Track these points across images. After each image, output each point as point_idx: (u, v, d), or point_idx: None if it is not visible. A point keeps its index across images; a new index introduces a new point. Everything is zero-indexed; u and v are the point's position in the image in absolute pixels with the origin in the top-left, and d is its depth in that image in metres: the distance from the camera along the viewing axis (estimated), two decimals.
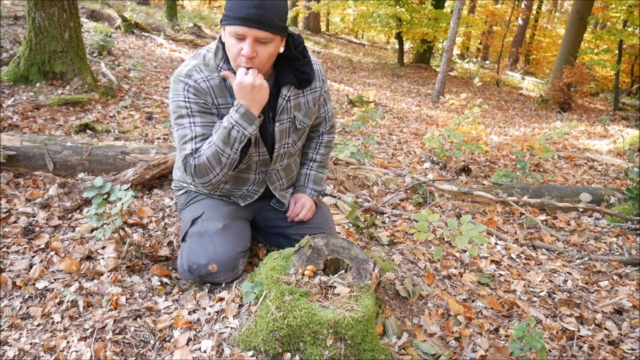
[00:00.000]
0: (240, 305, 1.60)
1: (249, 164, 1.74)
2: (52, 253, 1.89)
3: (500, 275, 2.33)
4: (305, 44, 1.69)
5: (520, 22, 18.01)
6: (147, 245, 2.00)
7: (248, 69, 1.48)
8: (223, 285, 1.75)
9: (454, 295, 2.00)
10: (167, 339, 1.51)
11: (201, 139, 1.58)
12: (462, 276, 2.20)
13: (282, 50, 1.55)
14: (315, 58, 1.75)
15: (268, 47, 1.47)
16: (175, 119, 1.61)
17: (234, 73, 1.53)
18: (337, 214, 2.63)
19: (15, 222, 2.09)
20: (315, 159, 1.98)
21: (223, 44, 1.55)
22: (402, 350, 1.53)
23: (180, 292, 1.76)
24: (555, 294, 2.22)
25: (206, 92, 1.58)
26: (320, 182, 1.98)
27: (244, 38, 1.43)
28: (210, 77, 1.58)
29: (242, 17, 1.39)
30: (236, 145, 1.56)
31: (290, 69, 1.64)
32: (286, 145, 1.78)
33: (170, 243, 2.08)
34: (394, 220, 2.77)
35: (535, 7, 18.93)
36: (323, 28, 21.13)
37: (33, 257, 1.86)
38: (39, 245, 1.94)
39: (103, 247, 1.96)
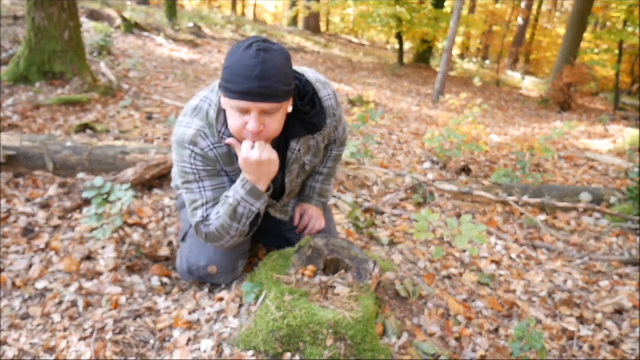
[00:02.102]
0: (240, 305, 1.60)
1: None
2: (52, 253, 1.89)
3: (500, 275, 2.33)
4: (316, 89, 1.51)
5: (520, 22, 18.01)
6: (147, 245, 2.00)
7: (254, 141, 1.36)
8: (223, 285, 1.75)
9: (454, 295, 2.00)
10: (167, 339, 1.51)
11: (212, 204, 1.51)
12: (462, 276, 2.20)
13: (290, 110, 1.40)
14: (327, 91, 1.56)
15: (276, 116, 1.33)
16: (183, 183, 1.52)
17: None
18: (337, 214, 2.63)
19: (15, 222, 2.09)
20: (321, 172, 1.89)
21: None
22: (402, 350, 1.53)
23: (180, 292, 1.76)
24: (555, 294, 2.22)
25: (214, 160, 1.48)
26: (326, 193, 1.92)
27: (248, 111, 1.29)
28: (217, 145, 1.46)
29: (244, 91, 1.24)
30: (244, 221, 1.50)
31: (299, 120, 1.49)
32: (294, 185, 1.73)
33: (170, 243, 2.08)
34: (394, 220, 2.77)
35: (535, 7, 18.93)
36: (323, 28, 21.14)
37: (33, 257, 1.86)
38: (39, 245, 1.94)
39: (103, 247, 1.96)
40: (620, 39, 9.85)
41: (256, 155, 1.36)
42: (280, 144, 1.54)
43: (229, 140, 1.41)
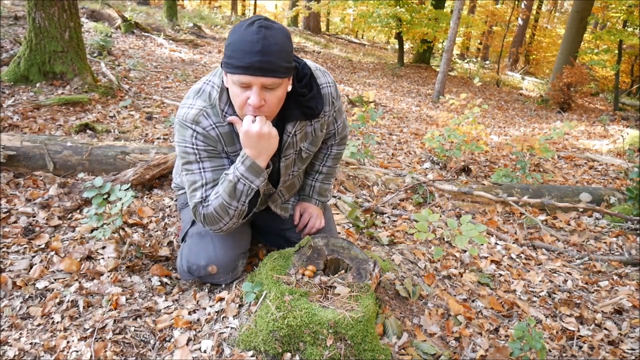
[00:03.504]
0: (240, 305, 1.60)
1: None
2: (52, 253, 1.89)
3: (500, 275, 2.33)
4: (313, 71, 1.54)
5: (520, 22, 18.01)
6: (147, 245, 2.01)
7: (255, 115, 1.39)
8: (223, 285, 1.75)
9: (454, 295, 2.00)
10: (167, 339, 1.51)
11: (212, 185, 1.52)
12: (462, 276, 2.20)
13: (289, 88, 1.44)
14: (326, 79, 1.60)
15: (276, 92, 1.36)
16: (183, 164, 1.53)
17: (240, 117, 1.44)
18: (337, 214, 2.63)
19: (15, 222, 2.09)
20: (321, 171, 1.90)
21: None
22: (402, 350, 1.53)
23: (180, 292, 1.76)
24: (555, 294, 2.22)
25: (216, 139, 1.50)
26: (325, 192, 1.93)
27: (249, 86, 1.32)
28: (219, 124, 1.48)
29: (245, 65, 1.28)
30: (243, 198, 1.50)
31: (296, 103, 1.51)
32: (291, 174, 1.73)
33: (170, 243, 2.08)
34: (394, 220, 2.77)
35: (535, 7, 18.93)
36: (323, 28, 21.13)
37: (33, 257, 1.86)
38: (39, 245, 1.94)
39: (103, 247, 1.96)
40: (620, 39, 9.86)
41: (257, 128, 1.39)
42: (278, 127, 1.54)
43: (231, 118, 1.44)
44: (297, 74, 1.49)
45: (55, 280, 1.73)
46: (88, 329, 1.49)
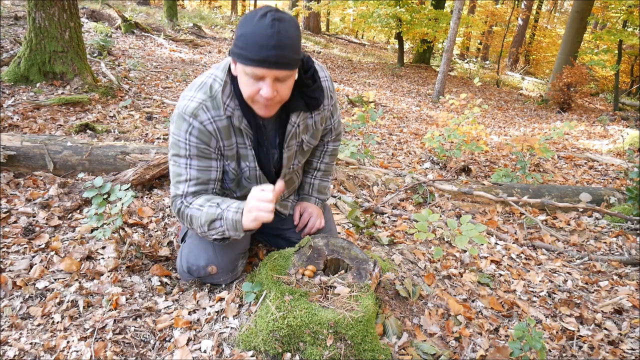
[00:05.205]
0: (240, 305, 1.60)
1: (250, 188, 1.64)
2: (52, 253, 1.89)
3: (500, 275, 2.33)
4: (314, 65, 1.58)
5: (520, 22, 18.01)
6: (147, 245, 2.01)
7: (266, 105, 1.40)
8: (223, 285, 1.75)
9: (454, 295, 2.00)
10: (167, 339, 1.51)
11: (195, 182, 1.54)
12: (462, 276, 2.20)
13: (296, 76, 1.47)
14: (324, 73, 1.65)
15: (287, 82, 1.40)
16: (172, 154, 1.55)
17: (242, 108, 1.48)
18: (337, 214, 2.63)
19: (15, 222, 2.09)
20: (319, 168, 1.93)
21: (231, 77, 1.47)
22: (402, 350, 1.53)
23: (180, 292, 1.76)
24: (555, 294, 2.22)
25: (212, 134, 1.50)
26: (324, 190, 1.95)
27: (262, 78, 1.35)
28: (217, 118, 1.49)
29: (260, 59, 1.30)
30: (212, 233, 1.52)
31: (300, 94, 1.55)
32: (292, 167, 1.74)
33: (170, 243, 2.08)
34: (394, 220, 2.77)
35: (535, 7, 18.93)
36: (323, 28, 21.14)
37: (33, 257, 1.86)
38: (39, 245, 1.94)
39: (103, 247, 1.96)
40: (620, 39, 9.86)
41: (271, 207, 1.37)
42: (281, 117, 1.58)
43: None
44: (303, 65, 1.53)
45: (55, 280, 1.73)
46: (88, 329, 1.50)
